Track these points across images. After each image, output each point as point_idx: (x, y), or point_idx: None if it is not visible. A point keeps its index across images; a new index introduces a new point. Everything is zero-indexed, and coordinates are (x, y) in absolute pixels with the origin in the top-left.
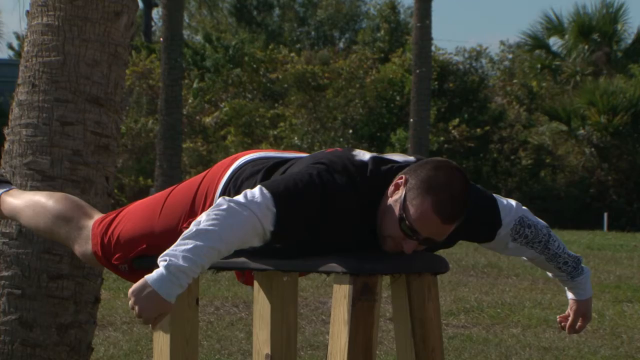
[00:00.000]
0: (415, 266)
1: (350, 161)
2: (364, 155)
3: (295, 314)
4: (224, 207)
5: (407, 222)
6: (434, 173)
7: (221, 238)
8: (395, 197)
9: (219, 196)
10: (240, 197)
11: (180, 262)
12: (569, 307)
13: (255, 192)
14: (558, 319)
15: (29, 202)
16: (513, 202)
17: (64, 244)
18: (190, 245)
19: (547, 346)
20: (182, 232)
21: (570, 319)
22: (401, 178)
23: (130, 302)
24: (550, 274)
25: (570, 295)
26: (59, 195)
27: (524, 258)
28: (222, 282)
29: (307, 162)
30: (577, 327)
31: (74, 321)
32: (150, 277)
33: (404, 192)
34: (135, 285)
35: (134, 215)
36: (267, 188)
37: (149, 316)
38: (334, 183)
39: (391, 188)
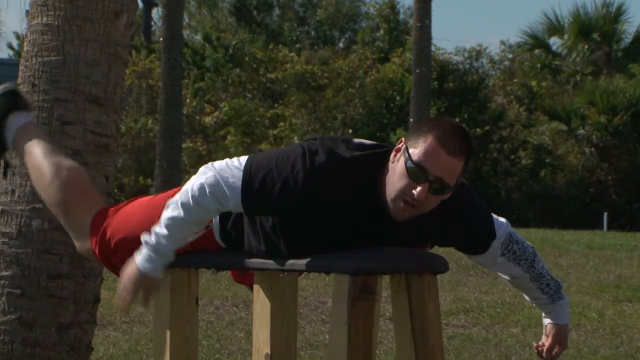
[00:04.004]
0: (415, 266)
1: (346, 143)
2: (366, 141)
3: (295, 314)
4: (200, 174)
5: (414, 162)
6: (429, 121)
7: (190, 210)
8: (397, 156)
9: None
10: (218, 166)
11: (159, 234)
12: (545, 333)
13: (235, 165)
14: (535, 345)
15: (37, 167)
16: (502, 219)
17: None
18: (165, 219)
19: None
20: None
21: (548, 343)
22: (400, 142)
23: (120, 286)
24: (528, 298)
25: (547, 320)
26: (64, 177)
27: (507, 278)
28: (222, 282)
29: (301, 142)
30: (553, 352)
31: (74, 321)
32: (136, 255)
33: (405, 145)
34: (124, 267)
35: (132, 218)
36: (245, 164)
37: (130, 290)
38: (312, 167)
39: (392, 154)
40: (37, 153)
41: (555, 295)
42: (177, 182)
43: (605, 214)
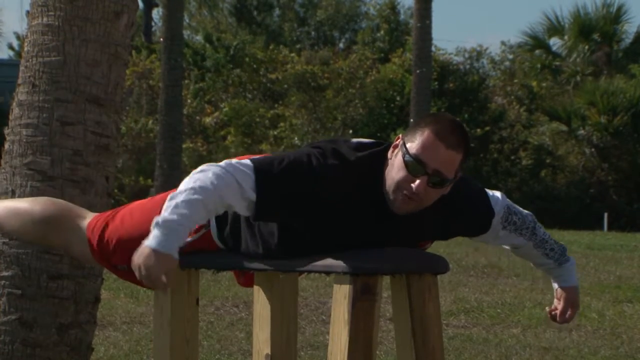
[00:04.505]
0: (416, 266)
1: (347, 144)
2: (364, 140)
3: (295, 314)
4: (203, 167)
5: (412, 156)
6: (426, 116)
7: (202, 190)
8: (395, 152)
9: None
10: (222, 163)
11: (168, 216)
12: (557, 297)
13: (241, 162)
14: (548, 310)
15: (11, 211)
16: (498, 193)
17: (59, 248)
18: (174, 203)
19: (547, 346)
20: None
21: (561, 306)
22: (398, 138)
23: (137, 273)
24: (534, 264)
25: (557, 285)
26: (42, 200)
27: (510, 248)
28: (222, 282)
29: (303, 147)
30: (567, 315)
31: (74, 321)
32: (146, 241)
33: (402, 141)
34: (135, 255)
35: (132, 219)
36: (251, 160)
37: (156, 273)
38: (325, 166)
39: (389, 151)
40: (3, 202)
41: (561, 259)
42: (177, 182)
43: (606, 214)
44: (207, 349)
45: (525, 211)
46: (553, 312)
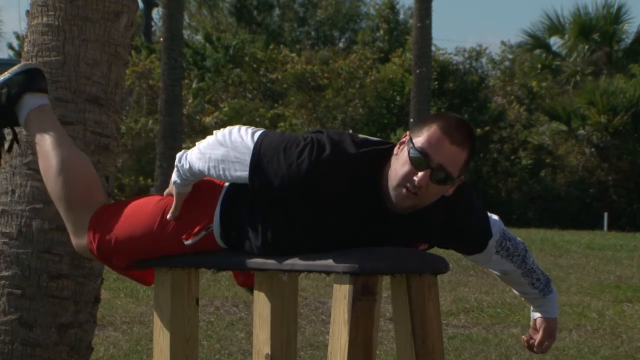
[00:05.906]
0: (416, 266)
1: (351, 138)
2: (371, 138)
3: (295, 314)
4: (233, 134)
5: (417, 149)
6: (434, 114)
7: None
8: (401, 147)
9: (222, 202)
10: (234, 138)
11: (184, 164)
12: (535, 327)
13: (246, 143)
14: (524, 339)
15: (44, 157)
16: (495, 216)
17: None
18: (191, 154)
19: None
20: (184, 241)
21: (539, 337)
22: (405, 135)
23: None
24: (517, 292)
25: (537, 314)
26: (69, 175)
27: (498, 274)
28: (222, 282)
29: (309, 133)
30: (544, 346)
31: (74, 321)
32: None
33: (409, 136)
34: None
35: (133, 220)
36: (254, 145)
37: (168, 194)
38: (318, 156)
39: (396, 147)
40: (46, 142)
41: (545, 289)
42: None
43: (606, 214)
44: (207, 348)
45: (518, 239)
46: (530, 342)
